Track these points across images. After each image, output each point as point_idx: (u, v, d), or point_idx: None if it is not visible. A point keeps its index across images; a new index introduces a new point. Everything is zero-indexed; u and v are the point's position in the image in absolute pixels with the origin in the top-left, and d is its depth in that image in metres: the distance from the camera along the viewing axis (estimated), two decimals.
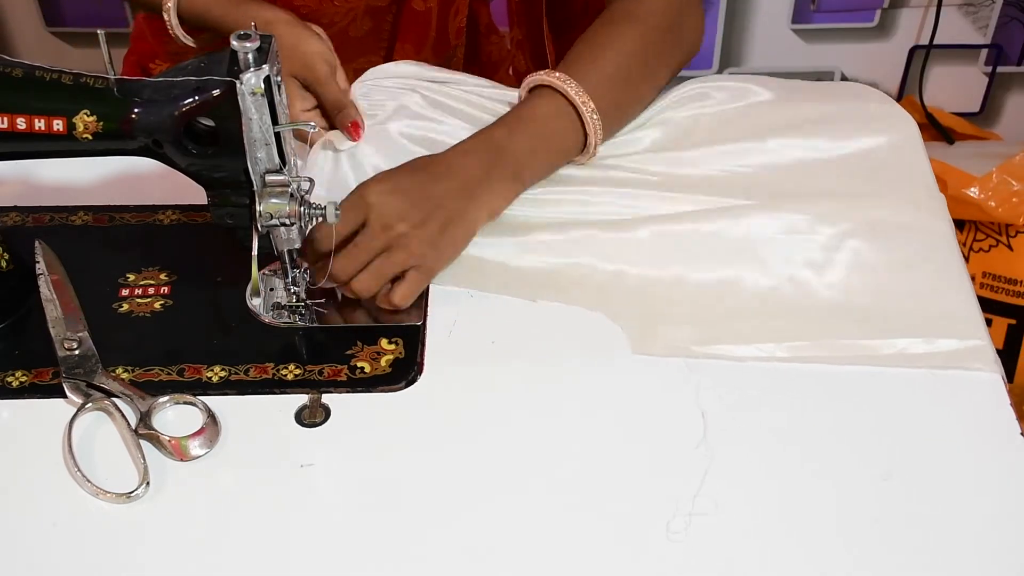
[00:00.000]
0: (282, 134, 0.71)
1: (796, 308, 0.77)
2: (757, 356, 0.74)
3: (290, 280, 0.78)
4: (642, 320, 0.77)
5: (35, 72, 0.69)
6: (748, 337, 0.75)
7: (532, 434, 0.69)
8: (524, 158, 0.84)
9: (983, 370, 0.72)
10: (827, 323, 0.76)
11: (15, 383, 0.73)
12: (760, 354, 0.74)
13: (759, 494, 0.65)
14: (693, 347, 0.74)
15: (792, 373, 0.73)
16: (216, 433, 0.69)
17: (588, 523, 0.64)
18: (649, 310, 0.77)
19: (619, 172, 0.87)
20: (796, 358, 0.74)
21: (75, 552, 0.63)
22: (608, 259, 0.81)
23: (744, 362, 0.73)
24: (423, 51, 1.01)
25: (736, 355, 0.74)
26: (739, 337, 0.75)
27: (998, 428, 0.69)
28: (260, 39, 0.66)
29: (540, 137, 0.84)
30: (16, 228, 0.86)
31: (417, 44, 1.01)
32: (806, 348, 0.74)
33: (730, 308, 0.77)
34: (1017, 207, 1.43)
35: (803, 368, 0.73)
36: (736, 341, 0.75)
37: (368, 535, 0.64)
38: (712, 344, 0.75)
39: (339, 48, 0.93)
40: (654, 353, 0.74)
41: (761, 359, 0.74)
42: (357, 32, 1.00)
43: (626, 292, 0.79)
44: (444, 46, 1.01)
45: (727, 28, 1.73)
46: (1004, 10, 1.73)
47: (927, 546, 0.63)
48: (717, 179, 0.87)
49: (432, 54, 1.01)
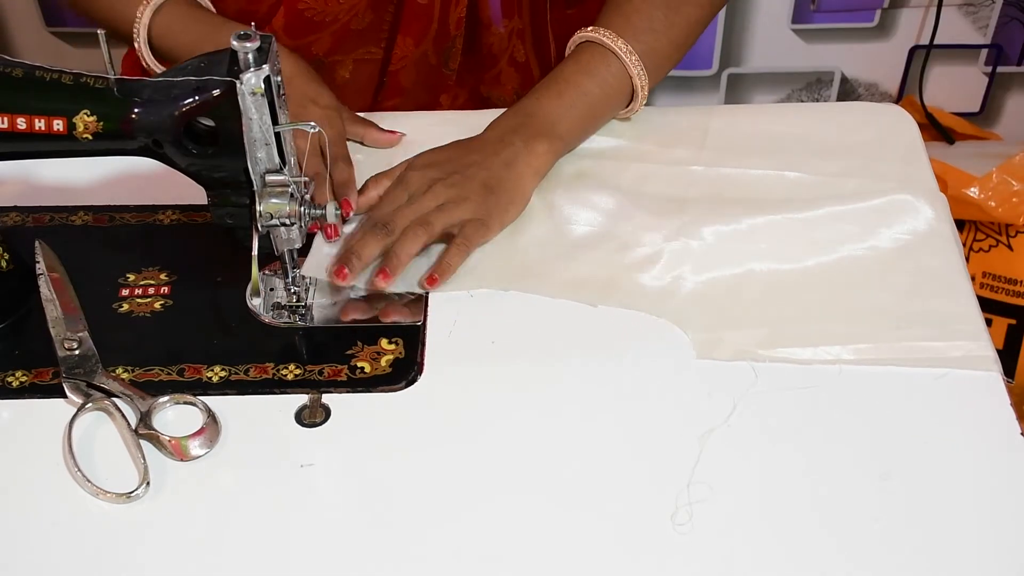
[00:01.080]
0: (282, 134, 0.71)
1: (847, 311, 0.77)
2: (824, 359, 0.73)
3: (290, 280, 0.78)
4: (705, 325, 0.76)
5: (35, 72, 0.69)
6: (812, 340, 0.74)
7: (532, 434, 0.69)
8: (558, 114, 0.85)
9: (982, 369, 0.72)
10: (875, 324, 0.75)
11: (15, 383, 0.73)
12: (827, 356, 0.73)
13: (755, 494, 0.65)
14: (759, 351, 0.74)
15: (790, 372, 0.73)
16: (216, 433, 0.69)
17: (589, 523, 0.64)
18: (711, 315, 0.77)
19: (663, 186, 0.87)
20: (862, 360, 0.73)
21: (75, 552, 0.63)
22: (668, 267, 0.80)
23: (810, 364, 0.73)
24: (423, 43, 1.01)
25: (801, 358, 0.73)
26: (803, 340, 0.74)
27: (998, 428, 0.69)
28: (260, 39, 0.66)
29: (575, 93, 0.86)
30: (16, 228, 0.86)
31: (418, 37, 1.01)
32: (870, 351, 0.73)
33: (787, 312, 0.77)
34: (1017, 207, 1.43)
35: (800, 368, 0.73)
36: (802, 344, 0.74)
37: (368, 535, 0.64)
38: (777, 347, 0.74)
39: (339, 41, 0.93)
40: (719, 358, 0.73)
41: (827, 362, 0.73)
42: (358, 25, 1.00)
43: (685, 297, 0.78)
44: (444, 38, 1.01)
45: (727, 28, 1.73)
46: (1004, 10, 1.73)
47: (927, 547, 0.63)
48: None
49: (433, 47, 1.02)
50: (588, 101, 0.87)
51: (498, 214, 0.81)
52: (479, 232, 0.80)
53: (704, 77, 1.79)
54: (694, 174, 0.88)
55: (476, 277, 0.80)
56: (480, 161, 0.83)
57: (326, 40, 1.00)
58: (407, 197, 0.81)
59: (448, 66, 1.04)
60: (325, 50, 1.01)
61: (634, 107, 0.90)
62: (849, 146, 0.91)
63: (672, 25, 0.88)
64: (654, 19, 0.88)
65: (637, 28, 0.87)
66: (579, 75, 0.87)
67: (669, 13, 0.88)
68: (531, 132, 0.85)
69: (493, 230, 0.81)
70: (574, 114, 0.87)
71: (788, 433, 0.69)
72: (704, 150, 0.91)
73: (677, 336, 0.75)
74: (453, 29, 1.01)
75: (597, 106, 0.88)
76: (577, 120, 0.87)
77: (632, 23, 0.87)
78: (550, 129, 0.85)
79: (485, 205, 0.81)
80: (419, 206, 0.80)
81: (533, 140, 0.84)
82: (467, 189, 0.81)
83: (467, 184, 0.81)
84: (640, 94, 0.88)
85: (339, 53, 1.02)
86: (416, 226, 0.78)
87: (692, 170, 0.89)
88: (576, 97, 0.87)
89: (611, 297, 0.78)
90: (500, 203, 0.82)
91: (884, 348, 0.74)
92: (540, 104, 0.86)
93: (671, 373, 0.73)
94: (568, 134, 0.87)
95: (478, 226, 0.80)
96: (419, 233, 0.78)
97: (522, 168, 0.83)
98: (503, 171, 0.82)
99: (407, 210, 0.80)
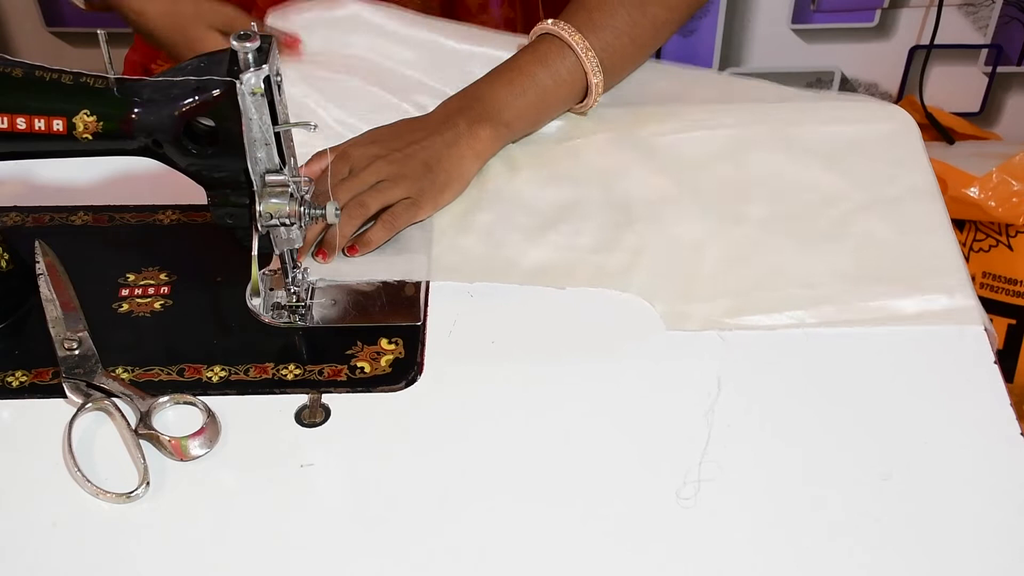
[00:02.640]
0: (282, 134, 0.71)
1: (809, 276, 0.78)
2: (788, 324, 0.75)
3: (290, 280, 0.78)
4: (672, 298, 0.77)
5: (35, 72, 0.69)
6: (776, 306, 0.76)
7: (532, 434, 0.69)
8: (506, 101, 0.86)
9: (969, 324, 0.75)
10: (839, 288, 0.77)
11: (15, 383, 0.73)
12: (791, 321, 0.75)
13: (752, 483, 0.66)
14: (726, 320, 0.75)
15: (776, 354, 0.73)
16: (216, 433, 0.69)
17: (589, 524, 0.64)
18: (679, 288, 0.78)
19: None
20: (825, 323, 0.75)
21: (75, 552, 0.63)
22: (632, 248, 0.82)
23: (775, 330, 0.75)
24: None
25: (767, 324, 0.75)
26: (768, 307, 0.76)
27: (996, 424, 0.69)
28: (260, 39, 0.66)
29: (527, 82, 0.87)
30: (16, 228, 0.86)
31: None
32: (832, 313, 0.75)
33: (752, 280, 0.79)
34: (1017, 207, 1.43)
35: (790, 355, 0.73)
36: (766, 311, 0.76)
37: (368, 535, 0.64)
38: (744, 315, 0.76)
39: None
40: (689, 329, 0.75)
41: (792, 326, 0.75)
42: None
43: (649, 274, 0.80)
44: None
45: (727, 28, 1.73)
46: (1004, 10, 1.73)
47: (926, 549, 0.63)
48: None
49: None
50: (539, 91, 0.87)
51: (432, 195, 0.82)
52: (409, 211, 0.81)
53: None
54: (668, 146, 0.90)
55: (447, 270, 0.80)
56: (422, 139, 0.84)
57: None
58: (348, 171, 0.82)
59: None
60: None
61: (588, 103, 0.90)
62: (848, 146, 0.91)
63: (636, 24, 0.89)
64: (617, 16, 0.88)
65: (598, 24, 0.88)
66: (533, 64, 0.88)
67: (634, 12, 0.89)
68: (476, 115, 0.85)
69: (424, 210, 0.82)
70: (523, 102, 0.87)
71: (781, 432, 0.69)
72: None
73: (662, 341, 0.75)
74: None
75: (548, 97, 0.88)
76: (526, 108, 0.87)
77: (593, 19, 0.88)
78: (496, 115, 0.86)
79: (420, 184, 0.82)
80: (359, 182, 0.81)
81: (477, 124, 0.85)
82: (407, 167, 0.82)
83: (407, 162, 0.82)
84: (594, 91, 0.89)
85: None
86: (353, 206, 0.80)
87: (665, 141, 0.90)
88: (527, 85, 0.87)
89: (575, 279, 0.79)
90: (437, 183, 0.82)
91: (849, 309, 0.76)
92: (491, 89, 0.87)
93: (674, 372, 0.73)
94: (515, 121, 0.87)
95: (408, 205, 0.81)
96: (354, 214, 0.80)
97: (463, 150, 0.84)
98: (444, 151, 0.83)
99: (346, 185, 0.81)
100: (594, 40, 0.87)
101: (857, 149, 0.90)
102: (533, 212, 0.84)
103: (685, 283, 0.79)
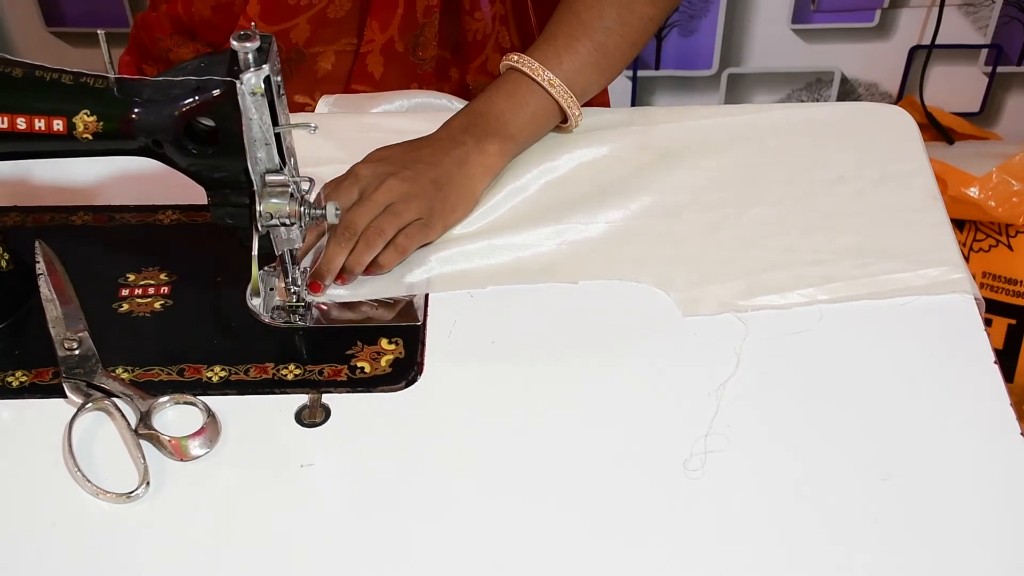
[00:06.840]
0: (282, 134, 0.71)
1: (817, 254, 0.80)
2: (801, 302, 0.77)
3: (290, 280, 0.78)
4: (686, 285, 0.79)
5: (35, 72, 0.69)
6: (788, 285, 0.78)
7: (533, 434, 0.69)
8: (509, 116, 0.86)
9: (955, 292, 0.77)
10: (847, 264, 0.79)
11: (15, 383, 0.73)
12: (803, 299, 0.77)
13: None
14: (740, 302, 0.77)
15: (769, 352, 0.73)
16: (216, 433, 0.69)
17: (589, 523, 0.64)
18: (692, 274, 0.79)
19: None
20: (837, 299, 0.77)
21: (75, 552, 0.63)
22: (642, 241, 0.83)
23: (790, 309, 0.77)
24: (388, 29, 1.00)
25: (781, 303, 0.77)
26: (780, 286, 0.78)
27: (996, 424, 0.69)
28: (260, 39, 0.66)
29: (526, 93, 0.87)
30: (16, 228, 0.86)
31: (383, 23, 1.00)
32: (842, 288, 0.77)
33: (763, 262, 0.80)
34: (1017, 207, 1.43)
35: (783, 352, 0.73)
36: (779, 290, 0.78)
37: (368, 535, 0.64)
38: (757, 296, 0.77)
39: (318, 31, 0.93)
40: (703, 313, 0.76)
41: (804, 304, 0.77)
42: (336, 13, 1.00)
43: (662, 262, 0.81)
44: (411, 25, 1.01)
45: (727, 28, 1.73)
46: (1004, 10, 1.73)
47: (926, 550, 0.63)
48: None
49: (399, 33, 1.01)
50: (538, 100, 0.87)
51: (443, 215, 0.82)
52: (421, 233, 0.81)
53: (704, 77, 1.79)
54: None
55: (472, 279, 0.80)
56: (431, 157, 0.83)
57: (304, 28, 1.00)
58: (358, 192, 0.81)
59: (416, 55, 1.03)
60: (304, 39, 1.01)
61: (570, 127, 0.90)
62: (848, 146, 0.91)
63: (625, 23, 0.89)
64: (606, 16, 0.88)
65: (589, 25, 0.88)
66: (524, 93, 0.87)
67: (622, 11, 0.89)
68: (482, 131, 0.85)
69: (435, 231, 0.82)
70: (526, 113, 0.87)
71: (776, 429, 0.69)
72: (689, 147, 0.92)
73: (677, 328, 0.76)
74: (422, 17, 1.00)
75: (548, 105, 0.88)
76: (528, 119, 0.87)
77: (583, 19, 0.88)
78: (501, 128, 0.85)
79: (431, 204, 0.81)
80: (373, 204, 0.80)
81: (484, 140, 0.84)
82: (417, 185, 0.81)
83: (418, 180, 0.81)
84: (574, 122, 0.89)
85: (319, 44, 1.01)
86: (372, 233, 0.79)
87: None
88: (527, 96, 0.87)
89: (587, 272, 0.80)
90: (448, 202, 0.82)
91: (855, 284, 0.78)
92: (491, 103, 0.86)
93: (675, 373, 0.73)
94: (520, 133, 0.87)
95: (420, 227, 0.81)
96: (372, 241, 0.79)
97: (473, 168, 0.83)
98: (454, 169, 0.83)
99: (362, 209, 0.80)
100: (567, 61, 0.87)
101: (857, 149, 0.90)
102: (538, 210, 0.85)
103: (699, 268, 0.80)
